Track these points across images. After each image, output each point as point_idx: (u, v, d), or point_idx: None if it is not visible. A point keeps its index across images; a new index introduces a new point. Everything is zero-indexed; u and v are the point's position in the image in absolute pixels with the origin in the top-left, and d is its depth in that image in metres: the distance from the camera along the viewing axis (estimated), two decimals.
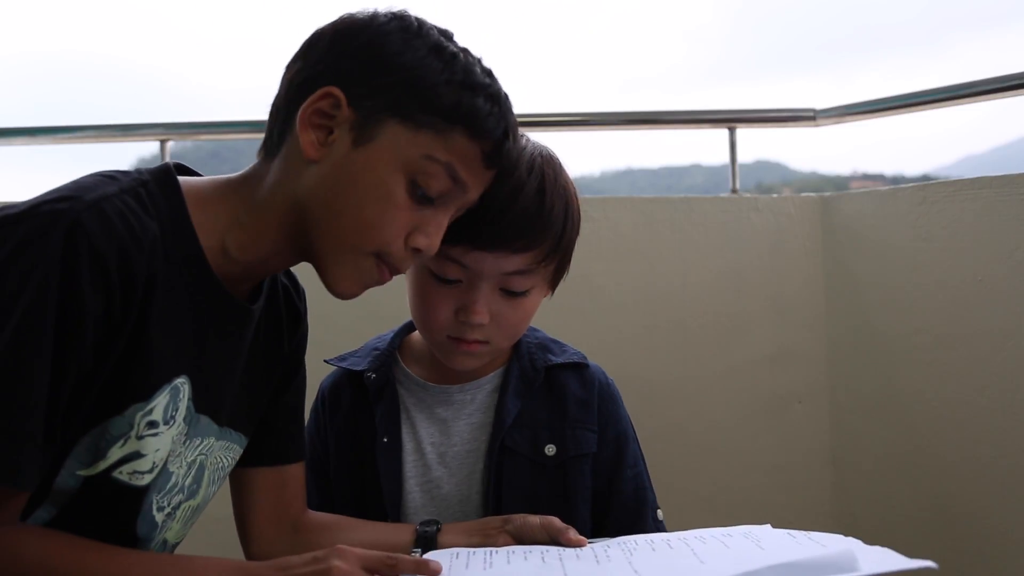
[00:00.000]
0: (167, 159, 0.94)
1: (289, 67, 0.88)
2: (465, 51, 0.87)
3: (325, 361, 1.14)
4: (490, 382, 1.09)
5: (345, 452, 1.09)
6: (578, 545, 0.89)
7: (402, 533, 1.00)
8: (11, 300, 0.70)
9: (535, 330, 1.15)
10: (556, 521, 0.93)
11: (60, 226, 0.72)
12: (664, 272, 1.85)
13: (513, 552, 0.88)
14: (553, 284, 1.06)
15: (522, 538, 0.93)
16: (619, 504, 1.07)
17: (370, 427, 1.08)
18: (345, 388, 1.12)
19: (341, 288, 0.88)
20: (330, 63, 0.84)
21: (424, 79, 0.83)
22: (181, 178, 0.86)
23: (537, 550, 0.88)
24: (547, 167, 1.00)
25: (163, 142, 1.97)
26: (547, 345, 1.12)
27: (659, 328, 1.84)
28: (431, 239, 0.87)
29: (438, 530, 0.99)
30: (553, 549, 0.88)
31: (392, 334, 1.15)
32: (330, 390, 1.13)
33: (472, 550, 0.90)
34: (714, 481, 1.84)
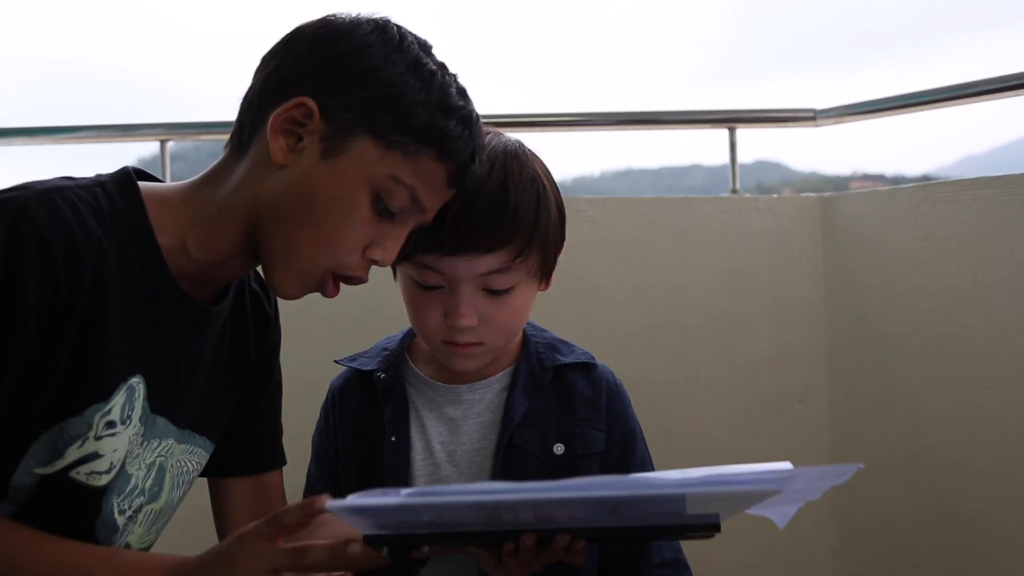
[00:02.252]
0: (167, 159, 0.95)
1: (266, 61, 0.87)
2: (443, 67, 0.87)
3: (335, 361, 1.15)
4: (499, 381, 1.09)
5: (354, 451, 1.09)
6: None
7: None
8: None
9: (543, 330, 1.15)
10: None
11: (7, 214, 0.74)
12: (664, 272, 1.85)
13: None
14: (543, 276, 1.06)
15: None
16: None
17: (379, 426, 1.08)
18: (355, 388, 1.12)
19: (286, 292, 0.88)
20: (307, 69, 0.84)
21: (401, 97, 0.83)
22: (141, 183, 0.86)
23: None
24: (511, 162, 0.99)
25: (163, 142, 1.96)
26: (555, 345, 1.13)
27: (659, 328, 1.84)
28: (388, 252, 0.87)
29: None
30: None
31: (401, 335, 1.16)
32: (340, 390, 1.13)
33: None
34: None
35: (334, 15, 0.86)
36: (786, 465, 0.73)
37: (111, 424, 0.81)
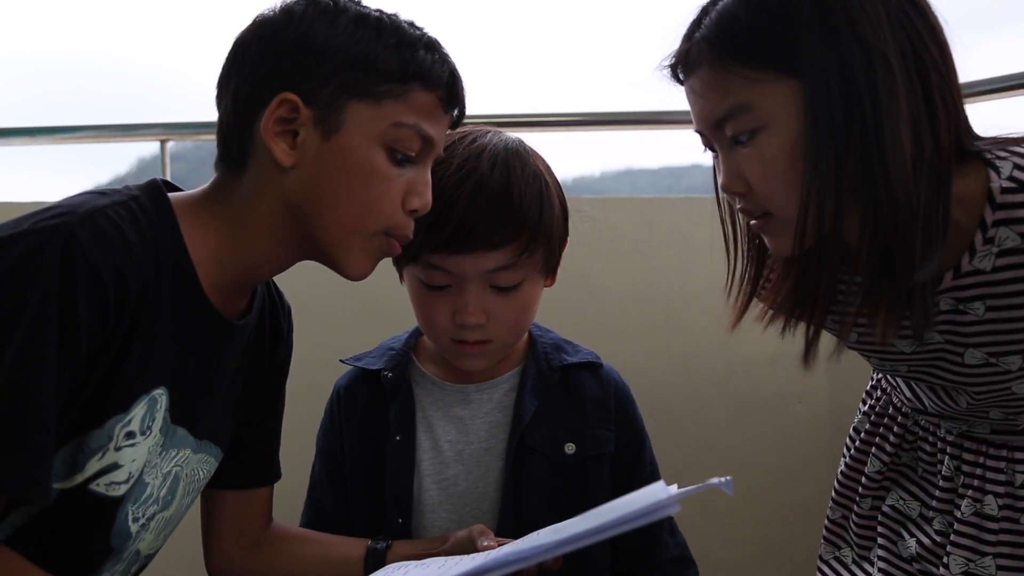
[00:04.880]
0: (167, 159, 0.94)
1: (224, 85, 0.88)
2: (380, 10, 0.88)
3: (341, 361, 1.15)
4: (507, 381, 1.10)
5: (360, 451, 1.10)
6: (487, 550, 0.90)
7: (354, 548, 1.02)
8: (14, 316, 0.70)
9: (548, 331, 1.16)
10: (475, 529, 0.96)
11: (56, 240, 0.72)
12: (664, 272, 1.85)
13: (420, 564, 0.89)
14: (548, 272, 1.06)
15: (455, 553, 0.95)
16: None
17: (385, 426, 1.08)
18: (361, 387, 1.12)
19: (355, 271, 0.89)
20: (268, 69, 0.84)
21: (365, 53, 0.84)
22: (169, 194, 0.86)
23: (447, 559, 0.89)
24: (513, 160, 1.00)
25: (163, 142, 1.97)
26: (561, 345, 1.13)
27: (659, 328, 1.84)
28: (424, 197, 0.89)
29: (388, 547, 1.01)
30: (464, 557, 0.89)
31: (407, 335, 1.16)
32: (346, 389, 1.13)
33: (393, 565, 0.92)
34: None
35: (261, 13, 0.87)
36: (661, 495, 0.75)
37: (131, 435, 0.81)
